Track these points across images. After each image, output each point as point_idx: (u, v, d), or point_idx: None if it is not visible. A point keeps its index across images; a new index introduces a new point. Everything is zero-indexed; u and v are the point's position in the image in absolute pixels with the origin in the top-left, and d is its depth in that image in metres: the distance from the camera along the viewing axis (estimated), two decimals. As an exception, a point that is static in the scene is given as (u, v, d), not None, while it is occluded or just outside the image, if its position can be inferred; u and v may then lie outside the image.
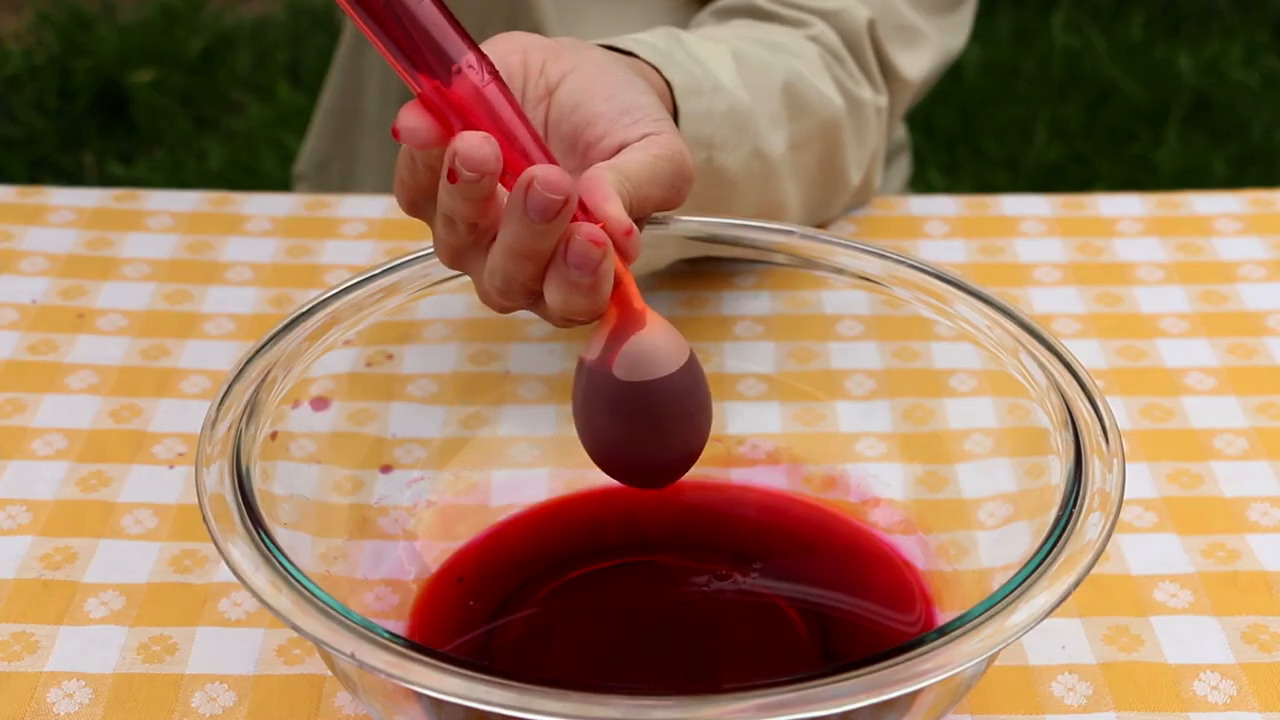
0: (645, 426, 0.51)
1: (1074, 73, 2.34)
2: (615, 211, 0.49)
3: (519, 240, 0.48)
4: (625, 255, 0.50)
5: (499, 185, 0.49)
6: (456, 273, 0.61)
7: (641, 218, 0.54)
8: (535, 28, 0.90)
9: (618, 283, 0.50)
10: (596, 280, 0.49)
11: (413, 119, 0.49)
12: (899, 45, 0.83)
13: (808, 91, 0.75)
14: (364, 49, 1.06)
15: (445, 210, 0.50)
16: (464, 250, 0.52)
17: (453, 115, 0.49)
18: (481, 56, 0.49)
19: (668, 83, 0.66)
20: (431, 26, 0.48)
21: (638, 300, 0.51)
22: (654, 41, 0.67)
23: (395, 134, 0.49)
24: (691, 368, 0.52)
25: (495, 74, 0.49)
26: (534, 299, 0.51)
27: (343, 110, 1.08)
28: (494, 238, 0.51)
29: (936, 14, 0.85)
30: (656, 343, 0.51)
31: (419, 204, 0.52)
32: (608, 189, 0.50)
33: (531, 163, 0.49)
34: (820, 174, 0.79)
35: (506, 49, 0.56)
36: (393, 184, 0.53)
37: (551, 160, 0.50)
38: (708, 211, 0.71)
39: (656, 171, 0.53)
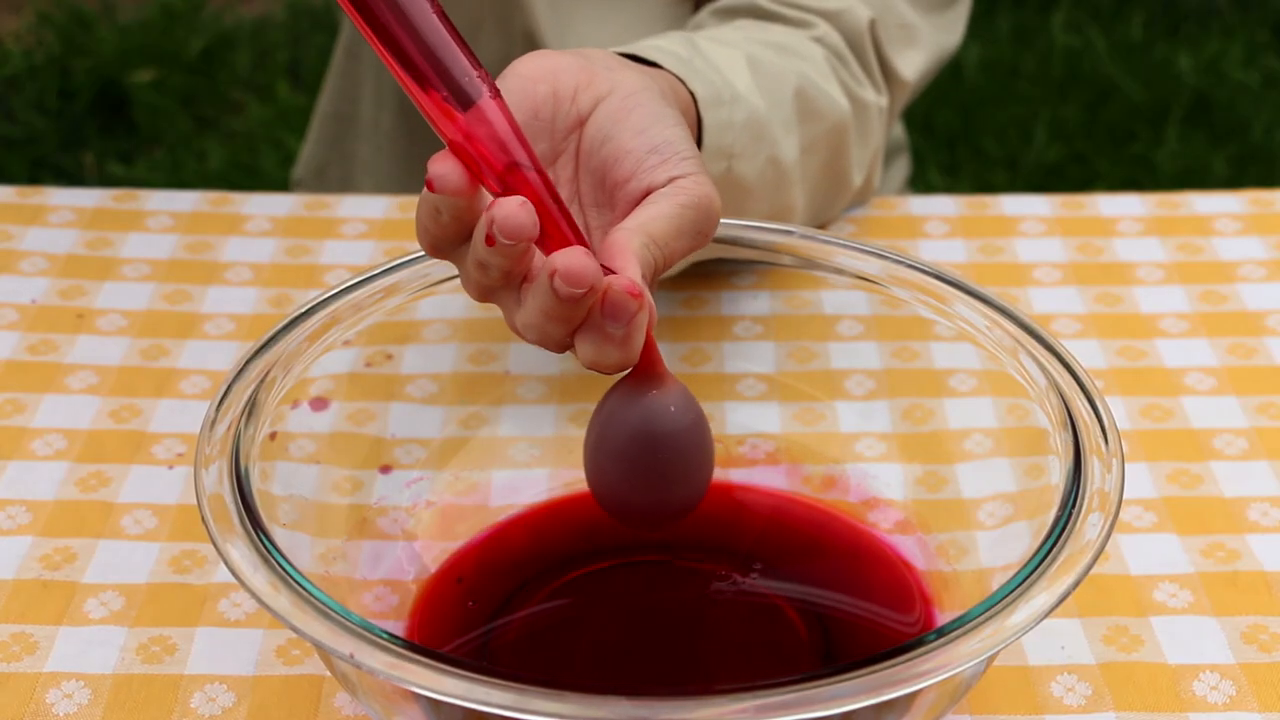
0: (647, 478, 0.53)
1: (1074, 73, 2.34)
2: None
3: (551, 310, 0.49)
4: None
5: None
6: (455, 273, 0.61)
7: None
8: (528, 28, 0.89)
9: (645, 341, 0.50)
10: (629, 332, 0.49)
11: (443, 166, 0.48)
12: (897, 45, 0.83)
13: (817, 96, 0.75)
14: (359, 54, 1.05)
15: (480, 259, 0.50)
16: (495, 289, 0.52)
17: (459, 135, 0.48)
18: (484, 76, 0.49)
19: (691, 93, 0.66)
20: (440, 45, 0.48)
21: (659, 360, 0.52)
22: (674, 49, 0.67)
23: (429, 185, 0.48)
24: (700, 425, 0.53)
25: (496, 92, 0.49)
26: (567, 348, 0.52)
27: (338, 115, 1.08)
28: (525, 277, 0.51)
29: (932, 11, 0.85)
30: (670, 403, 0.52)
31: (442, 249, 0.52)
32: (628, 256, 0.50)
33: (536, 195, 0.48)
34: (825, 177, 0.79)
35: (534, 78, 0.55)
36: (390, 185, 0.53)
37: (552, 189, 0.49)
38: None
39: (683, 223, 0.53)
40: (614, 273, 0.49)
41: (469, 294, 0.52)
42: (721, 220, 0.62)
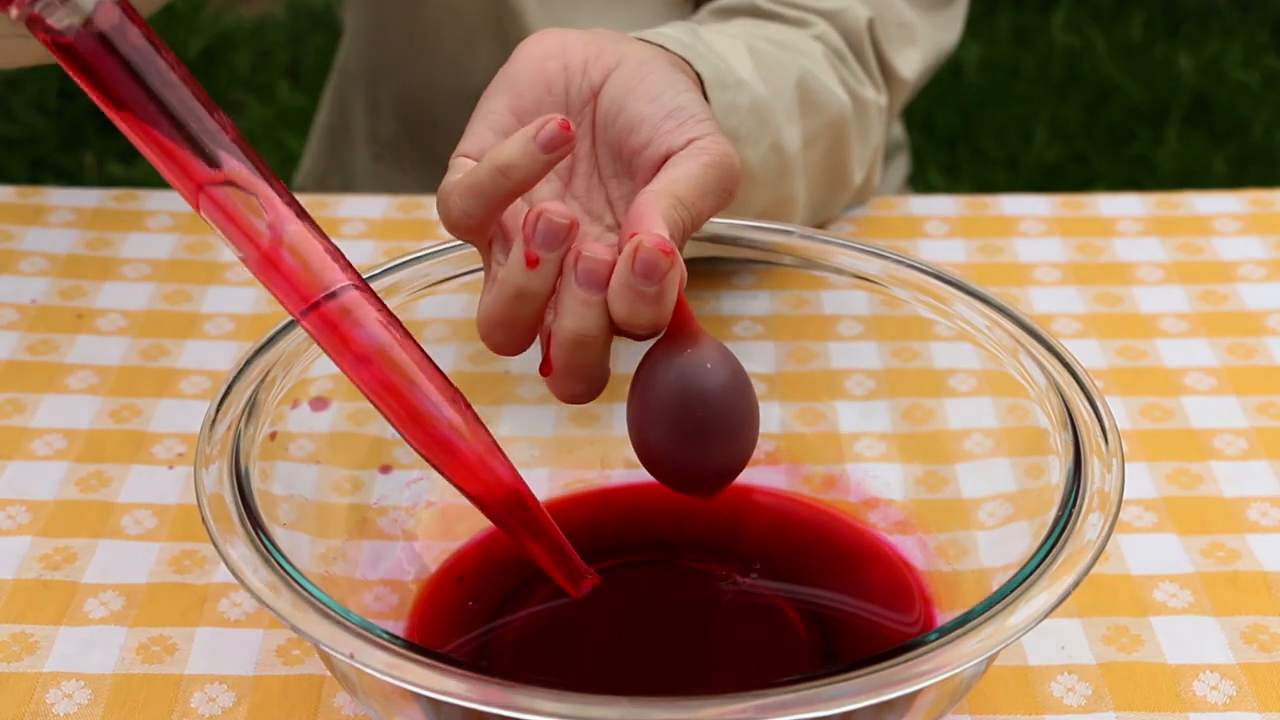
0: (692, 437, 0.52)
1: (1074, 73, 2.34)
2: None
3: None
4: None
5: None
6: (455, 273, 0.61)
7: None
8: (523, 37, 0.90)
9: (676, 301, 0.50)
10: (662, 290, 0.49)
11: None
12: (896, 44, 0.83)
13: (818, 89, 0.75)
14: (354, 69, 1.06)
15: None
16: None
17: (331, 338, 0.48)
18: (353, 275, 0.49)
19: (697, 75, 0.66)
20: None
21: (693, 319, 0.52)
22: (677, 35, 0.67)
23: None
24: (740, 382, 0.53)
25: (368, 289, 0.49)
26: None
27: (333, 128, 1.09)
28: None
29: (930, 10, 0.86)
30: (706, 360, 0.52)
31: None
32: (655, 217, 0.50)
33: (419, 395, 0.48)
34: (826, 172, 0.79)
35: (544, 55, 0.56)
36: (394, 191, 0.53)
37: (442, 380, 0.49)
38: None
39: (707, 182, 0.53)
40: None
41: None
42: (722, 220, 0.63)
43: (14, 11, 0.45)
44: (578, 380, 0.52)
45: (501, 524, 0.50)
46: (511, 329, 0.52)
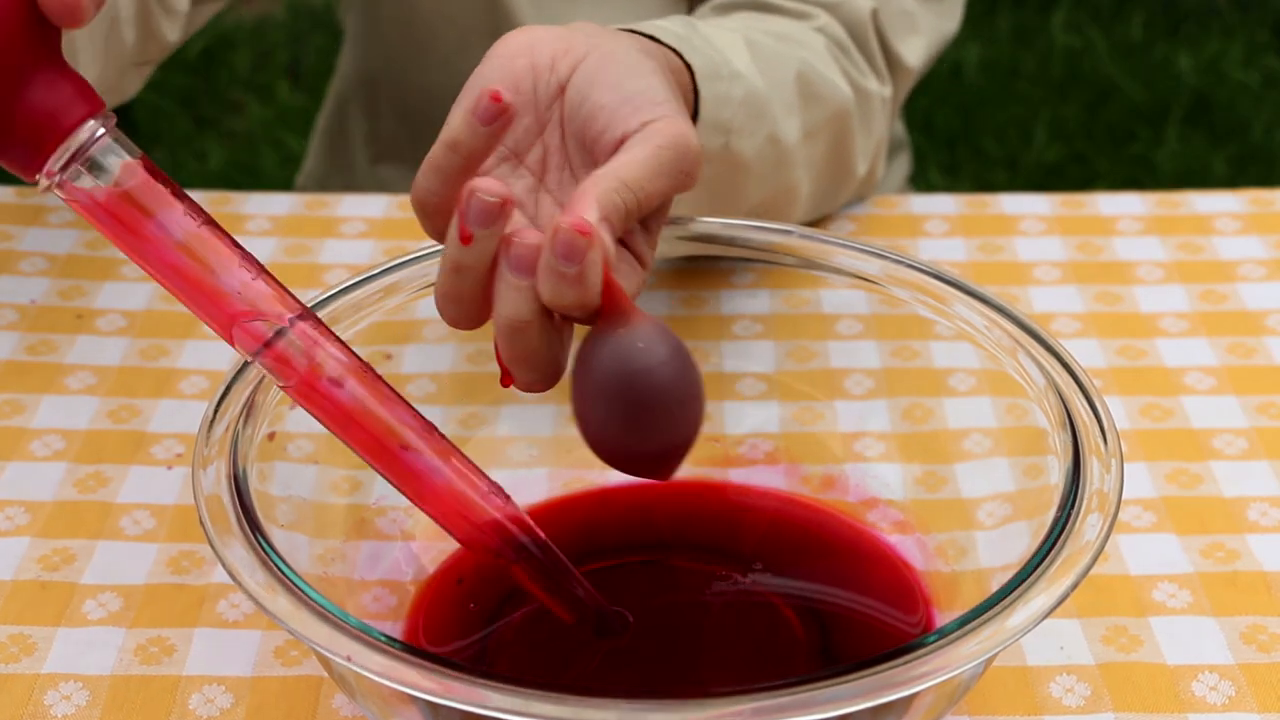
0: (626, 418, 0.51)
1: (1074, 73, 2.34)
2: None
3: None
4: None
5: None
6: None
7: (658, 212, 0.55)
8: None
9: (605, 283, 0.50)
10: (583, 270, 0.49)
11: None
12: (900, 33, 0.83)
13: (819, 81, 0.75)
14: (353, 72, 1.06)
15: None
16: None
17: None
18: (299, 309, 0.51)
19: (688, 66, 0.66)
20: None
21: (624, 299, 0.51)
22: (672, 27, 0.67)
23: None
24: (676, 360, 0.52)
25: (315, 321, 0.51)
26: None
27: (334, 130, 1.09)
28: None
29: None
30: (637, 339, 0.51)
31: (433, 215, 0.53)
32: (589, 200, 0.50)
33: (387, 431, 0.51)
34: (829, 163, 0.79)
35: (511, 54, 0.56)
36: (397, 189, 0.53)
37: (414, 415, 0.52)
38: (720, 197, 0.71)
39: (660, 163, 0.53)
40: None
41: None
42: (721, 220, 0.62)
43: (43, 181, 0.48)
44: (526, 368, 0.52)
45: (502, 560, 0.51)
46: (457, 303, 0.52)
